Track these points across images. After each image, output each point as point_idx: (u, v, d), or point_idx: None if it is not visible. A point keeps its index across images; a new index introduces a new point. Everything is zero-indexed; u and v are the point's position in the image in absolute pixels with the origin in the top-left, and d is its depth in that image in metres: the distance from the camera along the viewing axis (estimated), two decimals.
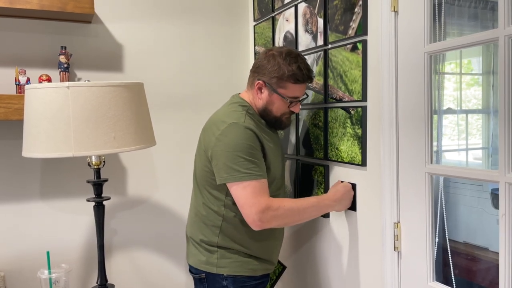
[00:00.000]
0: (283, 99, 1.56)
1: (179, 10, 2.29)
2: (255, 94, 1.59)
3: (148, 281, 2.28)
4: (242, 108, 1.57)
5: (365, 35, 1.54)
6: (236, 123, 1.47)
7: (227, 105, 1.63)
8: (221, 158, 1.45)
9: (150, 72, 2.24)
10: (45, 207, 2.08)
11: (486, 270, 2.04)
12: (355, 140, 1.59)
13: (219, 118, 1.54)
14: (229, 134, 1.46)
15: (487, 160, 2.43)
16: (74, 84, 1.52)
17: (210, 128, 1.55)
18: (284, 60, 1.53)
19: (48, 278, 1.85)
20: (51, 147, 1.52)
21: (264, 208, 1.41)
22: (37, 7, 1.83)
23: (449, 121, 2.50)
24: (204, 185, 1.58)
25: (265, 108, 1.59)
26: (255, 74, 1.59)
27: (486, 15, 2.33)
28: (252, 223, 1.43)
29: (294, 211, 1.48)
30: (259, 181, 1.44)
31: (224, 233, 1.56)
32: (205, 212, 1.59)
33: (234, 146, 1.44)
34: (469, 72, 2.52)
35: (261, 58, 1.58)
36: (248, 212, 1.43)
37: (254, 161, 1.45)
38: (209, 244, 1.58)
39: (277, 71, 1.53)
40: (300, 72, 1.54)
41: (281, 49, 1.57)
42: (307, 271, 1.97)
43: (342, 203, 1.60)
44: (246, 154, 1.44)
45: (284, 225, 1.56)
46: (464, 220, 2.27)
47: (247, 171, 1.43)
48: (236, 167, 1.43)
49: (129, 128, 1.60)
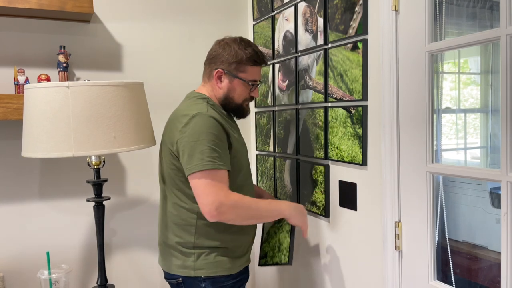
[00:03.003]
0: (245, 83, 1.57)
1: (178, 9, 2.29)
2: (214, 85, 1.58)
3: (148, 281, 2.27)
4: (202, 100, 1.55)
5: (365, 34, 1.54)
6: (199, 113, 1.45)
7: (186, 100, 1.60)
8: (186, 149, 1.42)
9: (150, 71, 2.23)
10: (44, 207, 2.07)
11: (486, 269, 2.04)
12: (355, 140, 1.59)
13: (180, 113, 1.51)
14: (192, 124, 1.43)
15: (485, 159, 2.44)
16: (74, 84, 1.52)
17: (172, 124, 1.52)
18: (240, 45, 1.55)
19: (48, 278, 1.84)
20: (51, 147, 1.52)
21: (222, 199, 1.38)
22: (36, 6, 1.82)
23: (447, 120, 2.51)
24: (172, 184, 1.53)
25: (227, 96, 1.58)
26: (212, 65, 1.58)
27: (485, 15, 2.34)
28: (208, 213, 1.38)
29: (252, 206, 1.45)
30: (220, 171, 1.40)
31: (199, 232, 1.51)
32: (177, 212, 1.54)
33: (198, 135, 1.41)
34: (467, 71, 2.53)
35: (215, 48, 1.59)
36: (205, 201, 1.38)
37: (217, 150, 1.41)
38: (185, 246, 1.52)
39: (235, 56, 1.54)
40: (256, 55, 1.57)
41: (233, 37, 1.59)
42: (308, 271, 1.97)
43: (297, 212, 1.56)
44: (209, 143, 1.40)
45: (239, 220, 1.47)
46: (463, 219, 2.28)
47: (210, 160, 1.39)
48: (199, 155, 1.39)
49: (129, 128, 1.60)
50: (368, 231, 1.59)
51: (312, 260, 1.93)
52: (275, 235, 1.72)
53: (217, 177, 1.39)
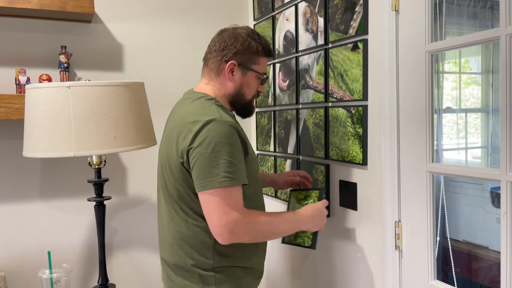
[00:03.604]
0: (257, 75, 1.43)
1: (179, 9, 2.29)
2: (224, 80, 1.40)
3: (148, 281, 2.28)
4: (210, 102, 1.35)
5: (365, 34, 1.54)
6: (213, 120, 1.25)
7: (189, 102, 1.38)
8: (198, 162, 1.24)
9: (151, 71, 2.24)
10: (45, 207, 2.08)
11: (486, 269, 2.05)
12: (356, 139, 1.60)
13: (187, 119, 1.29)
14: (205, 133, 1.24)
15: (486, 158, 2.44)
16: (75, 84, 1.52)
17: (177, 131, 1.31)
18: (252, 35, 1.41)
19: (49, 278, 1.85)
20: (52, 147, 1.52)
21: (237, 221, 1.23)
22: (37, 6, 1.83)
23: (448, 120, 2.51)
24: (183, 201, 1.34)
25: (238, 92, 1.42)
26: (221, 57, 1.39)
27: (485, 14, 2.34)
28: (219, 235, 1.23)
29: (269, 226, 1.32)
30: (236, 187, 1.25)
31: (219, 252, 1.33)
32: (191, 232, 1.34)
33: (212, 146, 1.23)
34: (468, 71, 2.53)
35: (224, 39, 1.40)
36: (217, 222, 1.22)
37: (234, 162, 1.25)
38: (203, 269, 1.34)
39: (249, 46, 1.39)
40: (269, 45, 1.45)
41: (241, 27, 1.44)
42: (308, 271, 1.97)
43: (314, 220, 1.44)
44: (226, 155, 1.23)
45: (254, 239, 1.32)
46: (464, 219, 2.28)
47: (227, 176, 1.23)
48: (215, 170, 1.22)
49: (129, 128, 1.60)
50: (368, 230, 1.59)
51: (312, 260, 1.93)
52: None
53: (233, 195, 1.24)
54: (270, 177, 1.73)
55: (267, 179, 1.72)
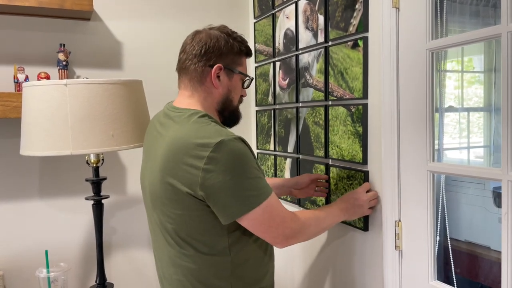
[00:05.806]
0: (244, 77, 1.33)
1: (178, 7, 2.28)
2: (210, 88, 1.28)
3: (147, 280, 2.27)
4: (206, 120, 1.21)
5: (366, 32, 1.52)
6: (222, 141, 1.12)
7: (181, 121, 1.22)
8: (224, 191, 1.13)
9: (149, 69, 2.22)
10: (43, 206, 2.07)
11: (488, 269, 2.03)
12: (356, 138, 1.58)
13: (189, 143, 1.14)
14: (219, 158, 1.11)
15: (488, 158, 2.43)
16: (72, 82, 1.51)
17: (180, 161, 1.14)
18: (232, 34, 1.31)
19: (47, 277, 1.84)
20: (49, 145, 1.51)
21: (291, 225, 1.22)
22: (36, 4, 1.82)
23: (451, 119, 2.49)
24: (190, 234, 1.21)
25: (227, 98, 1.31)
26: (203, 62, 1.26)
27: (488, 12, 2.32)
28: (282, 241, 1.22)
29: (316, 224, 1.32)
30: (272, 195, 1.19)
31: (235, 275, 1.25)
32: (197, 266, 1.23)
33: (233, 170, 1.13)
34: (471, 70, 2.51)
35: (204, 41, 1.27)
36: (278, 232, 1.20)
37: (259, 175, 1.18)
38: None
39: (232, 47, 1.28)
40: (248, 45, 1.35)
41: (216, 26, 1.33)
42: (307, 270, 1.96)
43: (350, 211, 1.43)
44: (251, 173, 1.15)
45: (307, 238, 1.31)
46: (465, 219, 2.26)
47: (261, 190, 1.16)
48: (248, 192, 1.14)
49: (127, 126, 1.59)
50: (368, 230, 1.58)
51: (311, 260, 1.92)
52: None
53: (274, 204, 1.19)
54: (287, 186, 1.72)
55: (285, 190, 1.72)
